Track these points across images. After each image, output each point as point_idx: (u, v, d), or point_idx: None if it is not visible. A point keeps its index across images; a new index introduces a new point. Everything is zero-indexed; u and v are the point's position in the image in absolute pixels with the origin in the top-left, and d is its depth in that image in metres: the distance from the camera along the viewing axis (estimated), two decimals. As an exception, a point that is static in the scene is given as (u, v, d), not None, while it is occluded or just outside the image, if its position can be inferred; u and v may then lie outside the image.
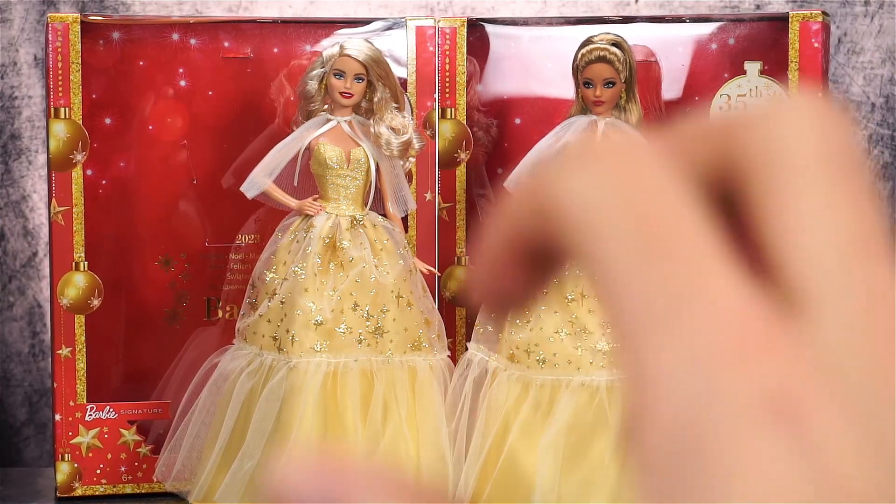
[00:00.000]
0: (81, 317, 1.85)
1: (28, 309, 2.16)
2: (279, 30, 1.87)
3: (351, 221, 1.75)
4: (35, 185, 2.14)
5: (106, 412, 1.87)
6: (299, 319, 1.71)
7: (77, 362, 1.85)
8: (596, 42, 1.75)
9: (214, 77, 1.86)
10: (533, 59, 1.90)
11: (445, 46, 1.90)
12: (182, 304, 1.88)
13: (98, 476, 1.88)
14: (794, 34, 1.81)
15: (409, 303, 1.76)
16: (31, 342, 2.16)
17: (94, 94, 1.83)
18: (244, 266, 1.86)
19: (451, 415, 1.74)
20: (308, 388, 1.69)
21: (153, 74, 1.85)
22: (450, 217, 1.92)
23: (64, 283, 1.84)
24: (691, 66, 1.86)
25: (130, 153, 1.85)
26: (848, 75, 2.18)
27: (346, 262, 1.73)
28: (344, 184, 1.76)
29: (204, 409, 1.77)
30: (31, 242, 2.15)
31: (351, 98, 1.75)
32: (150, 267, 1.87)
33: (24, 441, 2.18)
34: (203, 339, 1.87)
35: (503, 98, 1.91)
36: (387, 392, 1.72)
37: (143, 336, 1.88)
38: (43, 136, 2.10)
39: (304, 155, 1.77)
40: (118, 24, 1.84)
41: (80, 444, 1.87)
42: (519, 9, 2.20)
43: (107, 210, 1.85)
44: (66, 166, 1.83)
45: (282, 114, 1.86)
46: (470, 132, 1.91)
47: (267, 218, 1.85)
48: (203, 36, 1.85)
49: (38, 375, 2.17)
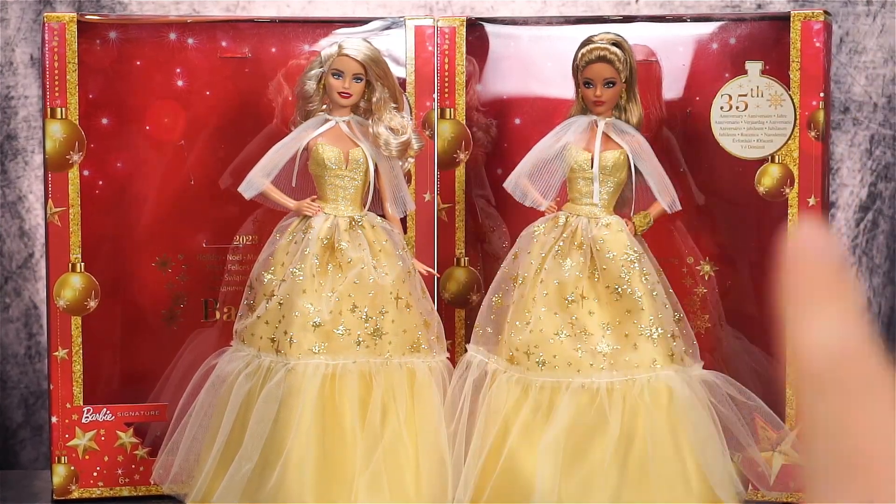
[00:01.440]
0: (78, 318, 1.84)
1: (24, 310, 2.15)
2: (277, 29, 1.86)
3: (349, 222, 1.74)
4: (31, 185, 2.14)
5: (103, 414, 1.86)
6: (297, 321, 1.70)
7: (73, 364, 1.84)
8: (596, 42, 1.74)
9: (212, 77, 1.85)
10: (532, 58, 1.89)
11: (444, 46, 1.89)
12: (179, 305, 1.87)
13: (95, 478, 1.87)
14: (795, 34, 1.80)
15: (408, 304, 1.75)
16: (27, 344, 2.15)
17: (91, 94, 1.82)
18: (242, 267, 1.85)
19: (451, 416, 1.73)
20: (306, 390, 1.68)
21: (150, 74, 1.84)
22: (449, 218, 1.91)
23: (60, 284, 1.83)
24: (692, 65, 1.85)
25: (127, 153, 1.84)
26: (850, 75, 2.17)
27: (345, 264, 1.72)
28: (342, 184, 1.75)
29: (201, 411, 1.76)
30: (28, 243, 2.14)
31: (349, 98, 1.74)
32: (147, 268, 1.86)
33: (21, 443, 2.17)
34: (201, 341, 1.86)
35: (503, 98, 1.90)
36: (385, 394, 1.71)
37: (141, 338, 1.87)
38: (39, 136, 2.09)
39: (302, 155, 1.76)
40: (115, 24, 1.84)
41: (77, 446, 1.86)
42: (518, 8, 2.19)
43: (103, 211, 1.84)
44: (62, 167, 1.82)
45: (280, 114, 1.85)
46: (469, 132, 1.90)
47: (265, 219, 1.84)
48: (200, 35, 1.84)
49: (34, 377, 2.16)
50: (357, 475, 1.67)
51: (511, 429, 1.70)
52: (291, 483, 1.66)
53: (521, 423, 1.70)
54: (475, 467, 1.71)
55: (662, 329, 1.71)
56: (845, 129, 2.19)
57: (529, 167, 1.76)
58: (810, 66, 1.80)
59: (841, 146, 2.19)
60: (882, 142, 2.18)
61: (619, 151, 1.75)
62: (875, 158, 2.19)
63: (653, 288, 1.72)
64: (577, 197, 1.76)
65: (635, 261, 1.72)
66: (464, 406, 1.74)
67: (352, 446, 1.68)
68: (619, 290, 1.71)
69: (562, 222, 1.75)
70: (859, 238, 2.19)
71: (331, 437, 1.68)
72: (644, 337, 1.70)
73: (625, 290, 1.71)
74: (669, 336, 1.71)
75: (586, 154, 1.75)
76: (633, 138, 1.75)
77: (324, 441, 1.67)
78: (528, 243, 1.75)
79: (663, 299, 1.72)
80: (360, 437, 1.68)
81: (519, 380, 1.72)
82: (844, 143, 2.19)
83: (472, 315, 1.84)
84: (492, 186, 1.90)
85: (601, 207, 1.75)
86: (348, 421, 1.68)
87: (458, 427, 1.73)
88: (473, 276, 1.93)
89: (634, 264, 1.72)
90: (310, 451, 1.67)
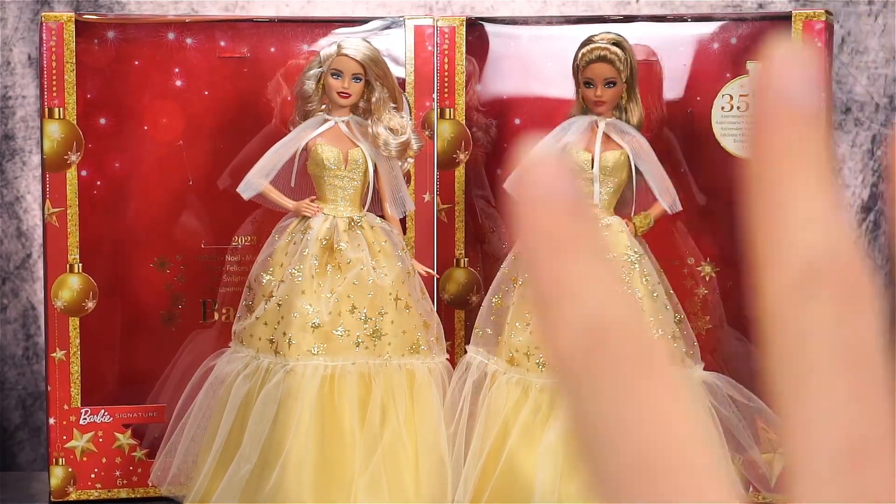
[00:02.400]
0: (76, 319, 1.83)
1: (22, 311, 2.14)
2: (276, 29, 1.86)
3: (349, 223, 1.73)
4: (29, 185, 2.13)
5: (101, 416, 1.85)
6: (296, 322, 1.69)
7: (71, 365, 1.84)
8: (596, 41, 1.73)
9: (210, 77, 1.84)
10: (533, 58, 1.88)
11: (444, 46, 1.88)
12: (178, 306, 1.86)
13: (93, 480, 1.86)
14: (796, 33, 1.80)
15: (408, 305, 1.74)
16: (24, 345, 2.15)
17: (89, 94, 1.82)
18: (241, 268, 1.85)
19: (450, 418, 1.73)
20: (305, 391, 1.67)
21: (149, 74, 1.83)
22: (448, 218, 1.91)
23: (58, 285, 1.83)
24: (693, 65, 1.84)
25: (126, 154, 1.84)
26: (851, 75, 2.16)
27: (344, 264, 1.71)
28: (342, 185, 1.75)
29: (200, 413, 1.75)
30: (25, 244, 2.13)
31: (349, 98, 1.74)
32: (146, 269, 1.85)
33: (18, 445, 2.16)
34: (199, 342, 1.86)
35: (502, 98, 1.90)
36: (385, 395, 1.70)
37: (139, 339, 1.86)
38: (37, 136, 2.08)
39: (301, 156, 1.76)
40: (113, 24, 1.83)
41: (75, 448, 1.85)
42: (518, 8, 2.18)
43: (102, 211, 1.83)
44: (60, 167, 1.81)
45: (279, 114, 1.85)
46: (469, 132, 1.89)
47: (264, 219, 1.83)
48: (199, 35, 1.84)
49: (32, 378, 2.15)
50: (356, 476, 1.67)
51: (511, 430, 1.69)
52: (290, 484, 1.65)
53: (521, 424, 1.69)
54: (475, 468, 1.70)
55: (663, 330, 1.70)
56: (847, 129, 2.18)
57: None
58: (812, 66, 1.80)
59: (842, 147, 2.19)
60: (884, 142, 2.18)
61: (620, 152, 1.74)
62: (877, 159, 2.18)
63: (653, 289, 1.71)
64: (578, 197, 1.75)
65: (636, 262, 1.71)
66: (463, 407, 1.73)
67: (351, 447, 1.67)
68: (620, 291, 1.70)
69: (562, 223, 1.74)
70: (861, 239, 2.19)
71: (330, 438, 1.67)
72: (645, 338, 1.69)
73: (625, 291, 1.70)
74: (670, 337, 1.71)
75: (586, 154, 1.74)
76: (634, 139, 1.75)
77: (323, 442, 1.67)
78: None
79: (664, 300, 1.72)
80: (360, 438, 1.68)
81: (519, 381, 1.71)
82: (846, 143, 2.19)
83: (472, 316, 1.84)
84: (492, 187, 1.90)
85: (601, 208, 1.74)
86: (347, 422, 1.68)
87: (458, 428, 1.72)
88: (473, 276, 1.92)
89: (635, 265, 1.71)
90: (309, 452, 1.66)
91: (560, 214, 0.26)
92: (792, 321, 0.25)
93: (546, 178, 0.26)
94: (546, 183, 0.26)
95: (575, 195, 0.26)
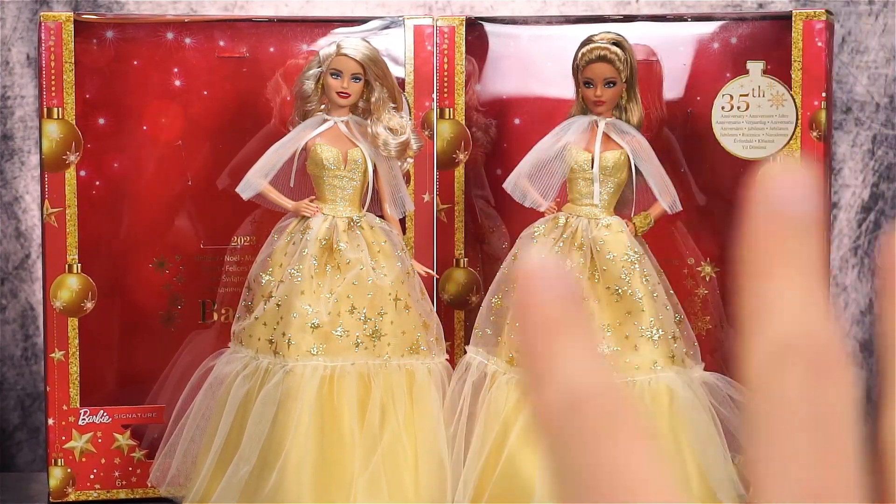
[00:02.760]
0: (75, 319, 1.83)
1: (21, 311, 2.14)
2: (275, 29, 1.85)
3: (348, 223, 1.73)
4: (28, 186, 2.13)
5: (100, 416, 1.85)
6: (295, 322, 1.69)
7: (70, 366, 1.83)
8: (596, 41, 1.73)
9: (210, 77, 1.84)
10: (532, 58, 1.88)
11: (444, 45, 1.88)
12: (177, 306, 1.86)
13: (92, 481, 1.86)
14: (797, 33, 1.79)
15: (407, 305, 1.74)
16: (23, 345, 2.14)
17: (88, 93, 1.81)
18: (240, 268, 1.85)
19: (450, 418, 1.72)
20: (304, 391, 1.67)
21: (148, 74, 1.83)
22: (448, 218, 1.90)
23: (57, 285, 1.82)
24: (693, 65, 1.84)
25: (124, 154, 1.83)
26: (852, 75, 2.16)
27: (343, 264, 1.71)
28: (341, 185, 1.74)
29: (199, 414, 1.75)
30: (24, 244, 2.13)
31: (348, 98, 1.74)
32: (145, 269, 1.85)
33: (17, 445, 2.16)
34: (198, 343, 1.85)
35: (502, 98, 1.89)
36: (384, 396, 1.70)
37: (138, 339, 1.86)
38: (36, 136, 2.08)
39: (300, 156, 1.75)
40: (112, 23, 1.83)
41: (74, 448, 1.85)
42: (518, 7, 2.18)
43: (100, 211, 1.83)
44: (59, 167, 1.81)
45: (278, 114, 1.84)
46: (468, 132, 1.89)
47: (263, 219, 1.83)
48: (198, 35, 1.83)
49: (30, 379, 2.15)
50: (356, 476, 1.66)
51: (511, 430, 1.69)
52: (290, 484, 1.65)
53: (520, 424, 1.69)
54: (475, 469, 1.70)
55: (663, 330, 1.70)
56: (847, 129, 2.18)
57: (529, 168, 1.75)
58: (812, 66, 1.79)
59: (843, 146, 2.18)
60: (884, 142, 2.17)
61: (620, 152, 1.74)
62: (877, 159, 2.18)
63: (653, 289, 1.71)
64: (577, 197, 1.75)
65: (636, 262, 1.71)
66: (463, 408, 1.73)
67: (350, 448, 1.67)
68: (620, 292, 1.70)
69: (562, 223, 1.74)
70: (861, 239, 2.18)
71: (329, 439, 1.67)
72: (644, 338, 1.69)
73: (625, 292, 1.70)
74: (670, 337, 1.70)
75: (586, 154, 1.74)
76: (634, 138, 1.75)
77: (322, 442, 1.67)
78: (528, 244, 1.74)
79: (664, 300, 1.71)
80: (359, 438, 1.67)
81: (519, 381, 1.71)
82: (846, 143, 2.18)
83: (472, 316, 1.84)
84: (491, 187, 1.89)
85: (601, 208, 1.74)
86: (347, 422, 1.67)
87: (458, 429, 1.72)
88: (473, 277, 1.92)
89: (635, 265, 1.71)
90: (308, 452, 1.66)
91: (554, 307, 0.31)
92: (769, 387, 0.30)
93: (548, 280, 0.31)
94: (548, 283, 0.31)
95: (571, 295, 0.31)
